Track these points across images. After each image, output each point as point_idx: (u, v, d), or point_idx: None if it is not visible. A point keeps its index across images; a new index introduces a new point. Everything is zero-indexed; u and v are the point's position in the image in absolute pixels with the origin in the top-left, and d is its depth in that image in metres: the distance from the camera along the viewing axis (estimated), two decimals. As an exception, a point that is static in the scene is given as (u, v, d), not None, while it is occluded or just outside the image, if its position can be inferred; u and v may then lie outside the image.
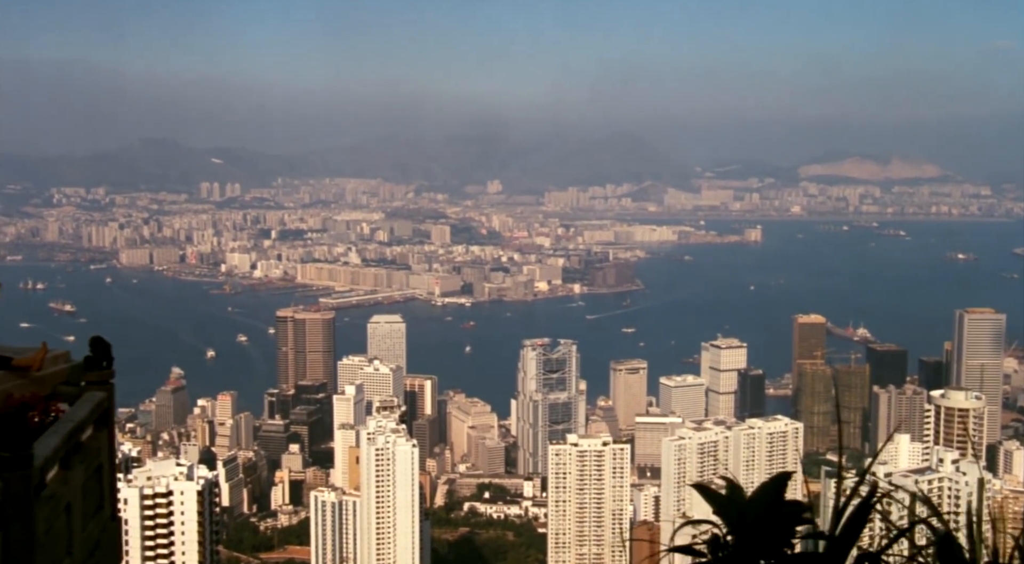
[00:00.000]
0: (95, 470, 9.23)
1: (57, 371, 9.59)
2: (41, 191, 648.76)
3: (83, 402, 8.97)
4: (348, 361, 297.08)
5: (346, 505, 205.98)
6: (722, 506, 6.37)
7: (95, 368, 9.63)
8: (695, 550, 6.42)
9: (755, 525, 6.19)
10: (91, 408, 8.85)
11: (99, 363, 9.67)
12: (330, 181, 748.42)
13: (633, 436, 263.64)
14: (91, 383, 9.50)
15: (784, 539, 6.20)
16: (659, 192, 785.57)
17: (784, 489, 6.29)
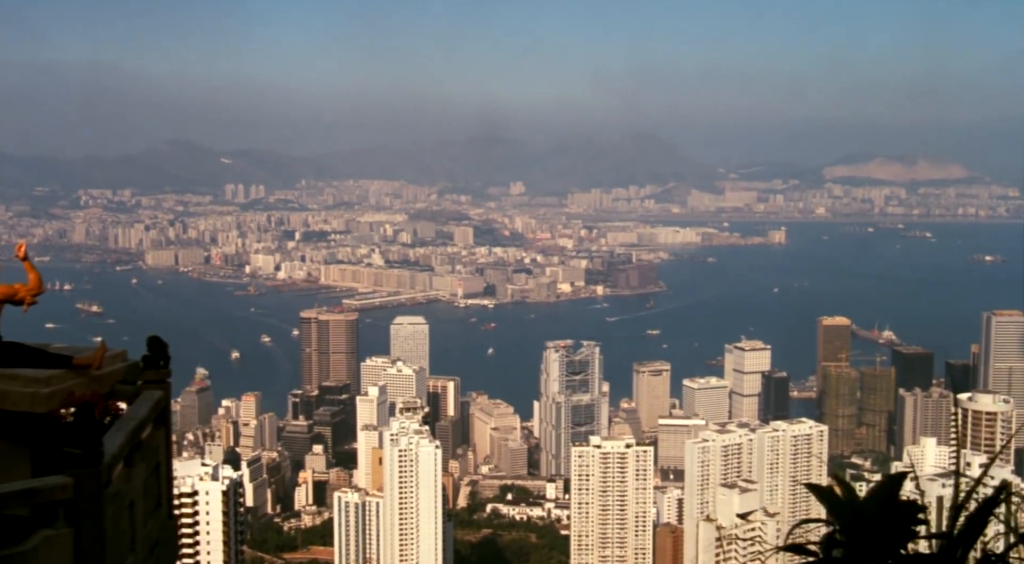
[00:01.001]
0: (154, 468, 9.54)
1: (115, 370, 9.90)
2: (68, 193, 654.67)
3: (143, 400, 9.27)
4: (371, 362, 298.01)
5: (369, 506, 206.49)
6: (836, 506, 6.26)
7: (153, 367, 9.94)
8: (808, 549, 6.43)
9: (870, 525, 6.10)
10: (151, 407, 9.15)
11: (156, 362, 9.98)
12: (354, 183, 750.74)
13: (656, 438, 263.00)
14: (148, 382, 9.80)
15: (900, 539, 6.13)
16: (682, 193, 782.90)
17: (899, 489, 6.25)
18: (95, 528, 7.35)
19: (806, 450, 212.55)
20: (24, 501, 7.25)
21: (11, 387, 9.21)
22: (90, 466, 7.31)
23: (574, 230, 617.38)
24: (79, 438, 7.32)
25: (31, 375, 9.32)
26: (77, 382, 9.34)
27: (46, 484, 7.33)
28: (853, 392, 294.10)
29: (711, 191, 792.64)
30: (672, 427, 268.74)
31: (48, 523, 7.44)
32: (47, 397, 9.05)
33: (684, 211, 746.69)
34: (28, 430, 9.53)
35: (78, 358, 9.78)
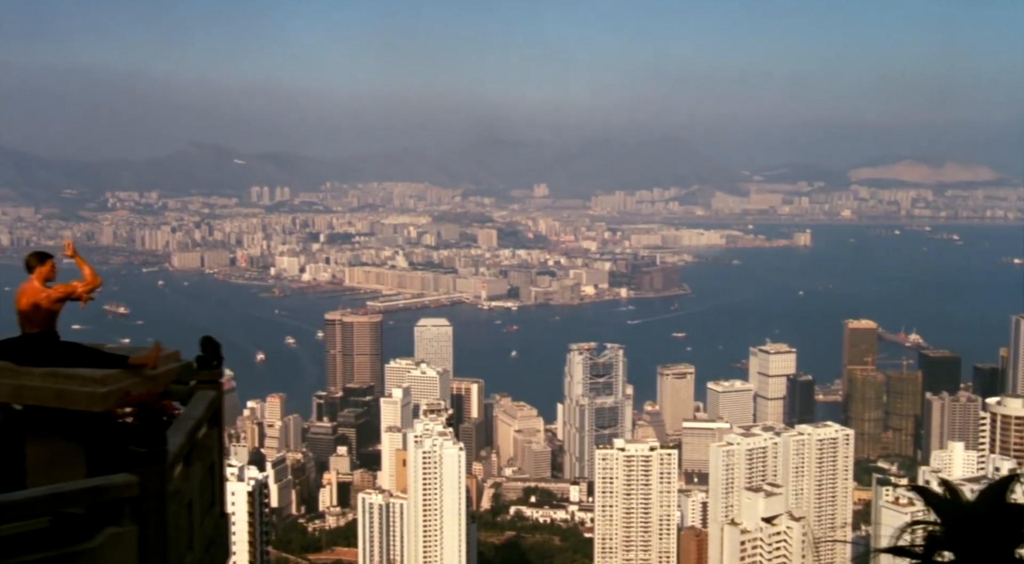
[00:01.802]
0: (208, 467, 9.74)
1: (168, 370, 10.11)
2: (96, 195, 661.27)
3: (198, 400, 9.47)
4: (395, 364, 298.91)
5: (393, 507, 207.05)
6: (943, 508, 6.20)
7: (206, 367, 10.15)
8: (911, 551, 6.31)
9: (980, 528, 5.98)
10: (206, 406, 9.35)
11: (210, 362, 10.18)
12: (378, 185, 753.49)
13: (680, 441, 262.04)
14: (202, 382, 10.01)
15: (1010, 543, 5.97)
16: (707, 196, 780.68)
17: (1009, 491, 6.13)
18: (159, 526, 7.54)
19: (832, 454, 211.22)
20: (92, 498, 7.48)
21: (69, 386, 9.44)
22: (155, 465, 7.51)
23: (598, 232, 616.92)
24: (144, 437, 7.52)
25: (88, 374, 9.54)
26: (133, 382, 9.55)
27: (112, 482, 7.55)
28: (879, 396, 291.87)
29: (736, 193, 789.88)
30: (696, 430, 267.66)
31: (114, 520, 7.65)
32: (104, 396, 9.26)
33: (708, 213, 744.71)
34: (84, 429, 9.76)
35: (134, 358, 10.00)
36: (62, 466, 9.61)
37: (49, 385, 9.55)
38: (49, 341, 10.54)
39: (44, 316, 10.68)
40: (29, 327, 10.62)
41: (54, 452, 9.84)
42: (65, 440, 9.78)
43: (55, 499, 7.37)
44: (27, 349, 10.34)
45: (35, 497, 7.34)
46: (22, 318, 10.71)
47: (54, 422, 9.77)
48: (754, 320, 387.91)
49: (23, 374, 9.79)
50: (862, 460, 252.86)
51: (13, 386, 9.76)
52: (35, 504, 7.25)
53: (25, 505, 7.24)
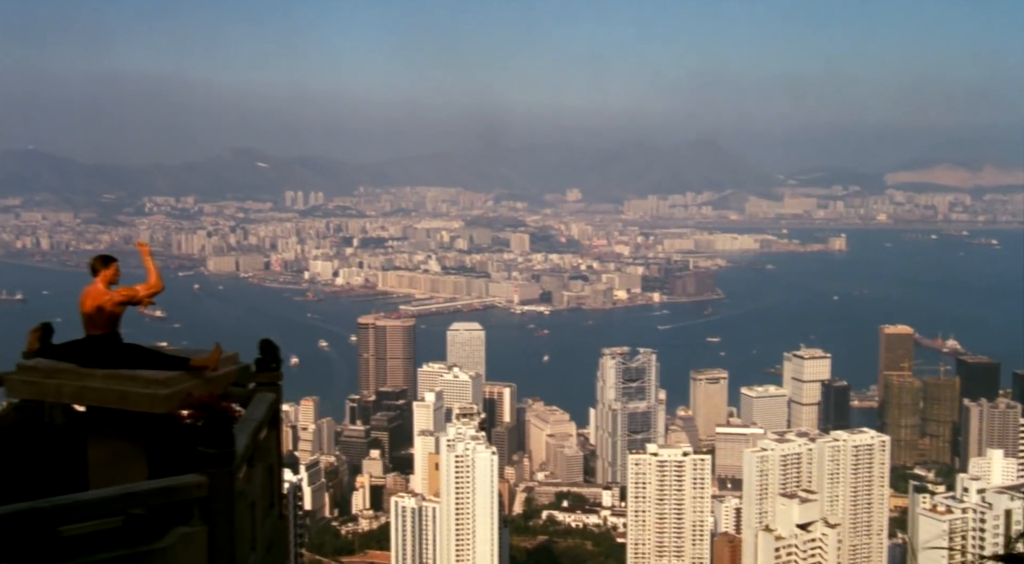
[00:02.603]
0: (268, 469, 9.87)
1: (228, 372, 10.27)
2: (134, 200, 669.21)
3: (259, 402, 9.61)
4: (428, 368, 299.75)
5: (426, 511, 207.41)
6: None
7: (265, 370, 10.30)
8: None
9: None
10: (267, 408, 9.48)
11: (268, 365, 10.32)
12: (411, 190, 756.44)
13: (713, 447, 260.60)
14: (261, 384, 10.15)
15: None
16: (740, 200, 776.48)
17: None
18: (227, 526, 7.67)
19: (867, 460, 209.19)
20: (163, 498, 7.64)
21: (131, 388, 9.62)
22: (223, 466, 7.65)
23: (631, 237, 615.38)
24: (213, 438, 7.66)
25: (150, 376, 9.72)
26: (194, 383, 9.71)
27: (183, 482, 7.70)
28: (916, 402, 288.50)
29: (769, 197, 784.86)
30: (730, 435, 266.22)
31: (184, 520, 7.80)
32: (166, 398, 9.43)
33: (742, 218, 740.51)
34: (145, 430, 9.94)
35: (195, 360, 10.16)
36: (123, 466, 9.79)
37: (112, 387, 9.73)
38: (112, 343, 10.73)
39: (107, 319, 10.87)
40: (92, 329, 10.82)
41: (116, 453, 10.02)
42: (127, 441, 9.96)
43: (128, 499, 7.54)
44: (90, 351, 10.54)
45: (108, 496, 7.51)
46: (86, 320, 10.91)
47: (116, 423, 9.96)
48: (788, 325, 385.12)
49: (86, 376, 9.99)
50: (898, 467, 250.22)
51: (77, 387, 9.96)
52: (108, 503, 7.43)
53: (99, 504, 7.41)
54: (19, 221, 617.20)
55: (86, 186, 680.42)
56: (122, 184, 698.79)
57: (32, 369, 10.39)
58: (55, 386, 10.10)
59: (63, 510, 7.24)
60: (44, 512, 7.15)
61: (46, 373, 10.20)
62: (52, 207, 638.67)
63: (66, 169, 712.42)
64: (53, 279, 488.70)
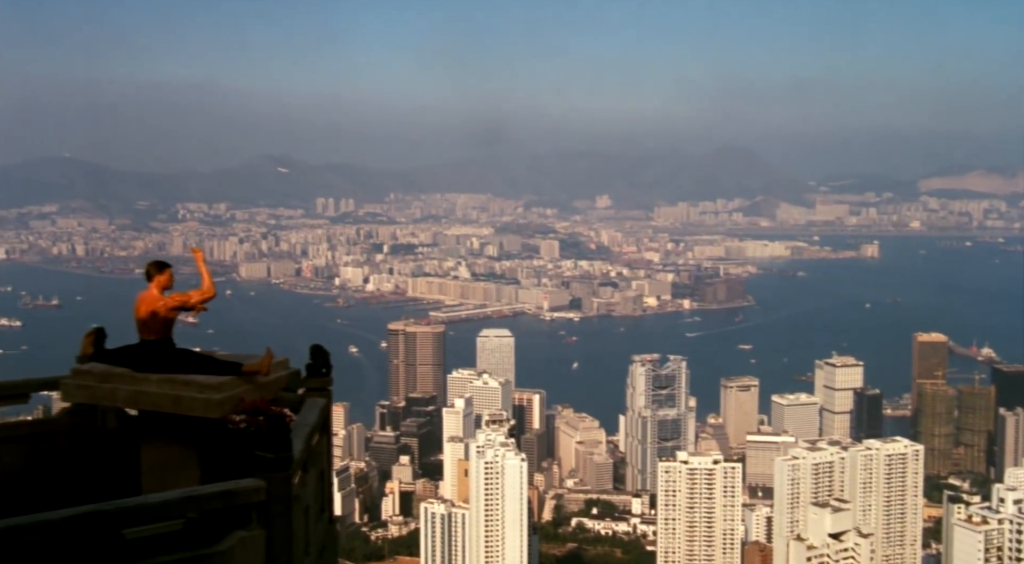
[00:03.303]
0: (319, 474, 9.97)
1: (279, 377, 10.39)
2: (168, 207, 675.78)
3: (311, 407, 9.72)
4: (458, 374, 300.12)
5: (455, 517, 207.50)
6: None
7: (316, 375, 10.40)
8: None
9: None
10: (318, 413, 9.58)
11: (319, 370, 10.43)
12: (441, 196, 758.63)
13: (744, 455, 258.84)
14: (312, 389, 10.26)
15: None
16: (771, 207, 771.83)
17: None
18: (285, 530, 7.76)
19: (900, 470, 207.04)
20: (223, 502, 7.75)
21: (185, 393, 9.76)
22: (281, 470, 7.75)
23: (661, 243, 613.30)
24: (272, 443, 7.75)
25: (204, 381, 9.85)
26: (246, 388, 9.83)
27: (242, 486, 7.81)
28: (950, 411, 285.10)
29: (801, 204, 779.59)
30: (760, 444, 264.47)
31: (242, 524, 7.90)
32: (219, 403, 9.55)
33: (773, 224, 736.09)
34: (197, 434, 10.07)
35: (247, 365, 10.28)
36: (176, 471, 9.93)
37: (166, 391, 9.87)
38: (165, 348, 10.88)
39: (161, 324, 11.04)
40: (147, 334, 10.98)
41: (169, 457, 10.16)
42: (179, 445, 10.10)
43: (189, 502, 7.66)
44: (144, 356, 10.70)
45: (170, 500, 7.64)
46: (140, 326, 11.07)
47: (168, 427, 10.10)
48: (820, 333, 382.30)
49: (141, 380, 10.14)
50: (932, 476, 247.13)
51: (131, 392, 10.11)
52: (170, 506, 7.55)
53: (161, 507, 7.54)
54: (55, 228, 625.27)
55: (121, 193, 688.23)
56: (156, 191, 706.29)
57: (87, 373, 10.56)
58: (110, 390, 10.26)
59: (127, 513, 7.38)
60: (109, 514, 7.29)
61: (101, 377, 10.37)
62: (87, 214, 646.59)
63: (101, 176, 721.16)
64: (87, 285, 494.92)
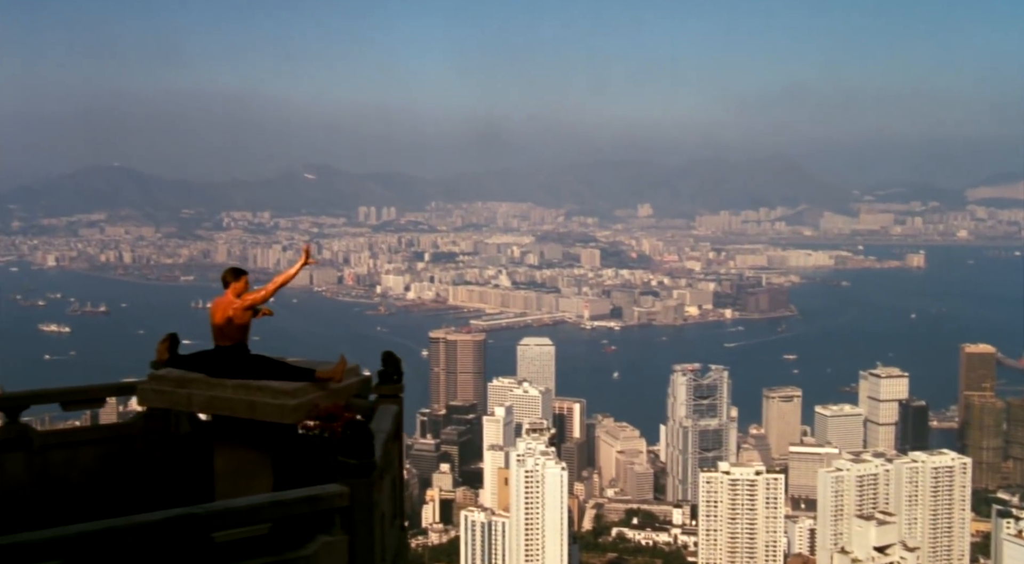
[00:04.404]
0: (392, 481, 10.10)
1: (351, 384, 10.54)
2: (212, 215, 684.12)
3: (384, 414, 9.86)
4: (498, 383, 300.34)
5: (495, 525, 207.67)
6: None
7: (388, 382, 10.54)
8: None
9: None
10: (392, 420, 9.72)
11: (391, 377, 10.56)
12: (482, 205, 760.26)
13: (787, 466, 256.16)
14: (383, 396, 10.40)
15: None
16: (815, 216, 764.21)
17: None
18: (367, 536, 7.89)
19: (947, 483, 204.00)
20: (308, 507, 7.90)
21: (260, 398, 9.93)
22: (364, 476, 7.87)
23: (702, 252, 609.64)
24: (355, 449, 7.88)
25: (278, 387, 10.02)
26: (320, 395, 9.98)
27: (327, 492, 7.95)
28: (999, 423, 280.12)
29: (845, 213, 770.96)
30: (803, 455, 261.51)
31: (325, 529, 8.04)
32: (294, 409, 9.72)
33: (816, 234, 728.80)
34: (270, 439, 10.24)
35: (320, 371, 10.45)
36: (249, 476, 10.10)
37: (241, 397, 10.05)
38: (240, 354, 11.07)
39: (236, 330, 11.23)
40: (222, 340, 11.18)
41: (242, 461, 10.34)
42: (253, 450, 10.27)
43: (276, 507, 7.81)
44: (219, 361, 10.90)
45: (258, 504, 7.79)
46: (215, 331, 11.28)
47: (242, 433, 10.28)
48: (864, 343, 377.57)
49: (216, 386, 10.34)
50: (980, 490, 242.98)
51: (207, 397, 10.31)
52: (258, 511, 7.70)
53: (249, 512, 7.70)
54: (103, 235, 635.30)
55: (167, 201, 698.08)
56: (201, 199, 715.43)
57: (163, 379, 10.78)
58: (186, 395, 10.46)
59: (217, 516, 7.55)
60: (199, 518, 7.47)
61: (177, 383, 10.58)
62: (134, 222, 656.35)
63: (148, 185, 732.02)
64: (133, 291, 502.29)
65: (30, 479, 11.55)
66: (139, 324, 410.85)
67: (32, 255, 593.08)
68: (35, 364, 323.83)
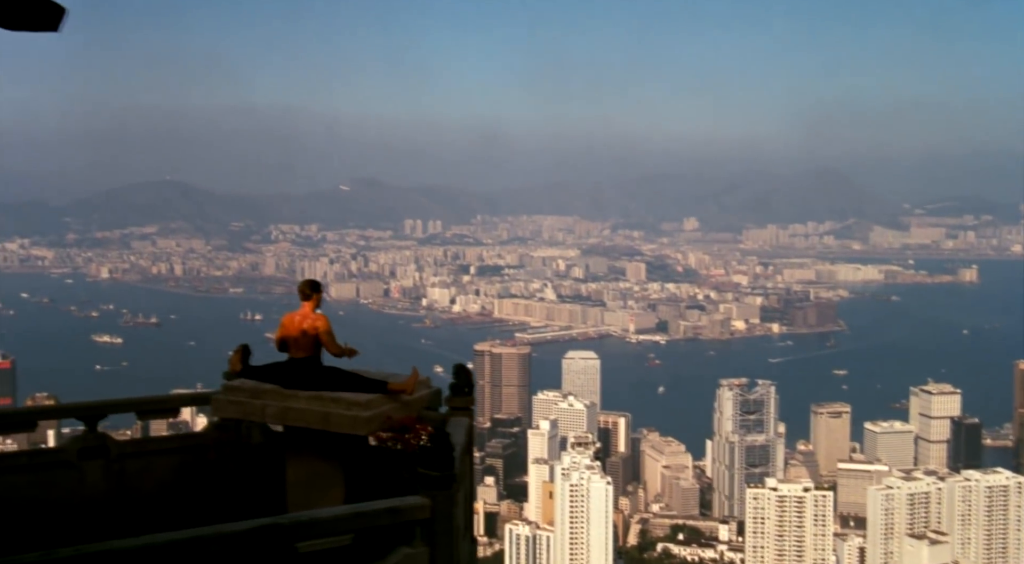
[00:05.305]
0: (465, 493, 10.19)
1: (422, 396, 10.66)
2: (261, 228, 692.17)
3: (457, 427, 9.96)
4: (543, 396, 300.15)
5: (540, 539, 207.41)
6: None
7: (460, 394, 10.64)
8: None
9: None
10: (464, 433, 9.81)
11: (462, 389, 10.66)
12: (527, 218, 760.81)
13: (835, 483, 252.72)
14: (455, 408, 10.50)
15: None
16: (864, 229, 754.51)
17: None
18: (447, 548, 7.98)
19: (1002, 502, 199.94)
20: (390, 518, 8.00)
21: (334, 410, 10.08)
22: (445, 488, 7.96)
23: (749, 266, 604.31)
24: (437, 461, 7.97)
25: (352, 399, 10.16)
26: (392, 406, 10.11)
27: (408, 504, 8.05)
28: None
29: (895, 227, 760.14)
30: (852, 472, 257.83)
31: (406, 541, 8.14)
32: (367, 420, 9.85)
33: (866, 248, 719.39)
34: (342, 450, 10.37)
35: (393, 383, 10.57)
36: (321, 486, 10.25)
37: (315, 408, 10.21)
38: (313, 366, 11.23)
39: (311, 342, 11.39)
40: (296, 352, 11.35)
41: (314, 472, 10.49)
42: (325, 461, 10.42)
43: (358, 518, 7.93)
44: (292, 373, 11.07)
45: (341, 515, 7.91)
46: (291, 343, 11.45)
47: (314, 444, 10.43)
48: (914, 359, 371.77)
49: (290, 397, 10.51)
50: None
51: (281, 408, 10.48)
52: (341, 522, 7.82)
53: (332, 522, 7.82)
54: (155, 248, 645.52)
55: (217, 214, 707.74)
56: (251, 212, 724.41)
57: (238, 389, 10.97)
58: (260, 406, 10.64)
59: (301, 526, 7.68)
60: (284, 528, 7.60)
61: (252, 393, 10.76)
62: (185, 234, 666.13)
63: (199, 198, 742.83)
64: (183, 303, 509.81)
65: (108, 487, 11.84)
66: (189, 335, 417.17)
67: (87, 267, 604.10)
68: (87, 374, 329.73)
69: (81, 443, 12.04)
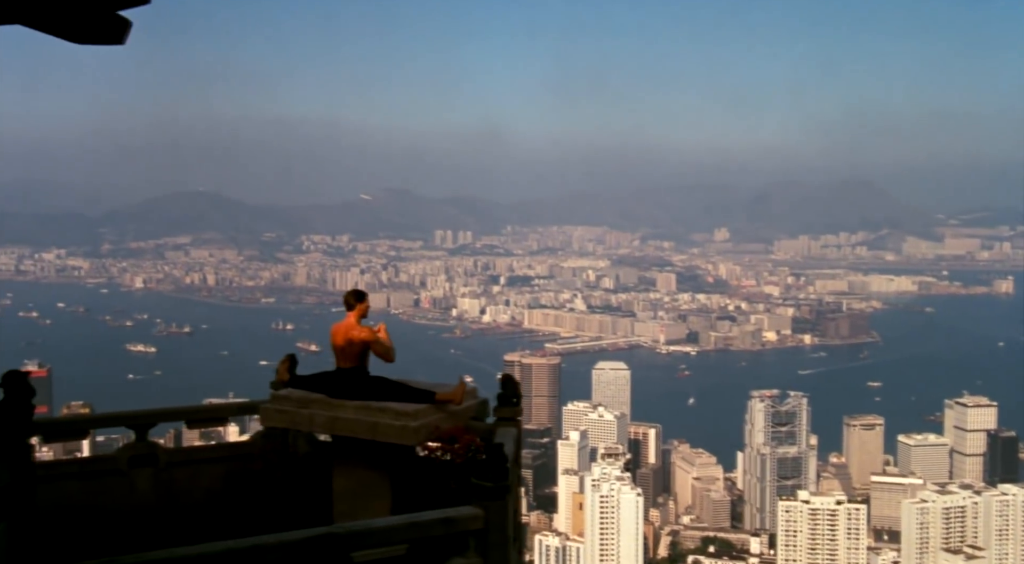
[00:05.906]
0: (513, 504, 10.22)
1: (470, 406, 10.70)
2: (292, 238, 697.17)
3: (505, 437, 9.99)
4: (573, 407, 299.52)
5: (570, 550, 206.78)
6: None
7: (507, 404, 10.67)
8: None
9: None
10: (513, 443, 9.85)
11: (510, 399, 10.70)
12: (557, 229, 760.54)
13: (869, 496, 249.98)
14: (502, 419, 10.54)
15: None
16: (897, 240, 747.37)
17: None
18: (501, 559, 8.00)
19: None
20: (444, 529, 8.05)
21: (382, 419, 10.15)
22: (499, 498, 8.00)
23: (780, 277, 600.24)
24: (491, 471, 8.01)
25: (400, 409, 10.22)
26: (440, 416, 10.16)
27: (462, 514, 8.10)
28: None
29: (929, 238, 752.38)
30: (886, 485, 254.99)
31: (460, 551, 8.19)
32: (415, 430, 9.91)
33: (899, 258, 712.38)
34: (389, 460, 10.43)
35: (441, 394, 10.62)
36: (368, 495, 10.31)
37: (363, 418, 10.28)
38: (360, 376, 11.31)
39: (358, 352, 11.47)
40: (343, 362, 11.43)
41: (361, 481, 10.56)
42: (372, 470, 10.48)
43: (412, 528, 7.98)
44: (340, 383, 11.15)
45: (396, 525, 7.97)
46: (338, 353, 11.54)
47: (361, 453, 10.49)
48: (949, 371, 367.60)
49: (337, 406, 10.59)
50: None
51: (329, 418, 10.56)
52: (395, 531, 7.88)
53: (386, 532, 7.88)
54: (188, 258, 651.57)
55: (249, 225, 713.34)
56: (282, 223, 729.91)
57: (285, 399, 11.06)
58: (308, 416, 10.73)
59: (356, 536, 7.74)
60: (339, 537, 7.67)
61: (299, 403, 10.86)
62: (218, 245, 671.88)
63: (232, 209, 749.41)
64: (215, 313, 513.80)
65: (157, 495, 11.99)
66: (222, 345, 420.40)
67: (121, 277, 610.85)
68: (121, 383, 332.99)
69: (131, 451, 12.22)
